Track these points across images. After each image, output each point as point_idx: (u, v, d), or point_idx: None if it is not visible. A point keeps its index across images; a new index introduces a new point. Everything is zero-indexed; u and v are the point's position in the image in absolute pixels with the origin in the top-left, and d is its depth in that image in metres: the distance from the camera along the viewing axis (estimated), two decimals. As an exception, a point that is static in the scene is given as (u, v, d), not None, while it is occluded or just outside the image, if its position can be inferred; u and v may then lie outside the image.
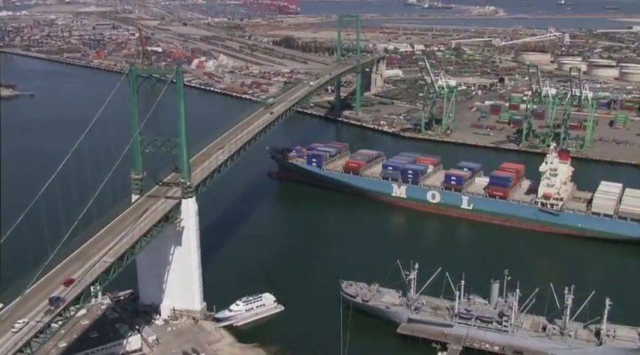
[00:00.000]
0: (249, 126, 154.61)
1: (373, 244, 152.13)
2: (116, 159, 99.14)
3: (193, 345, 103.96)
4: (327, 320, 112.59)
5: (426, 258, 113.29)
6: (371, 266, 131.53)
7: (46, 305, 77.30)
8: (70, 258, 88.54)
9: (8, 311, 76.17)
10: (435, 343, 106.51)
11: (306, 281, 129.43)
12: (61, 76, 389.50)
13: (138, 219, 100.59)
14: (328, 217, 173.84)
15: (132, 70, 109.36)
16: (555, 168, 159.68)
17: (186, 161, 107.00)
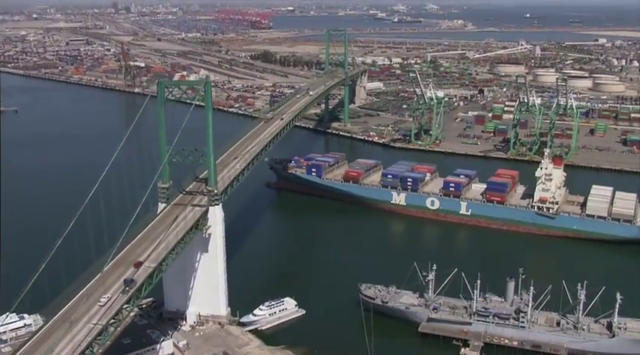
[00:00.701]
0: (258, 136, 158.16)
1: (380, 249, 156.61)
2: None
3: (224, 349, 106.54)
4: (348, 322, 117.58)
5: (433, 261, 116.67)
6: (382, 270, 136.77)
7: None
8: (114, 263, 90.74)
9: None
10: (455, 340, 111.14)
11: (323, 285, 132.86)
12: (41, 91, 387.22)
13: (169, 226, 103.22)
14: (331, 225, 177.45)
15: (160, 82, 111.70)
16: (550, 174, 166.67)
17: (213, 169, 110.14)
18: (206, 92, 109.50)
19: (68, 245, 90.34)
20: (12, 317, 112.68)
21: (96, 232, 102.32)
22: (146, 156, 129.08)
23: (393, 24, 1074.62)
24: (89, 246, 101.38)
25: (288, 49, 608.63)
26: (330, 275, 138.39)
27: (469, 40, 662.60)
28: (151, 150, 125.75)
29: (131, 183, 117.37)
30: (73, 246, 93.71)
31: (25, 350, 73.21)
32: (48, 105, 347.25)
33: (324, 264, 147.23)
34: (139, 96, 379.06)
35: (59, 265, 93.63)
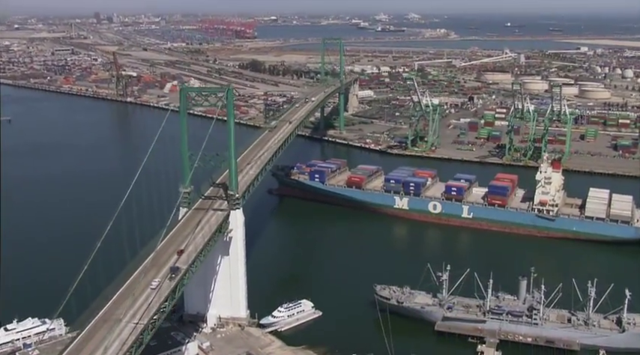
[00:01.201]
0: (267, 143, 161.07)
1: (387, 253, 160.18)
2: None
3: (247, 349, 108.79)
4: (364, 322, 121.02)
5: (442, 263, 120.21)
6: (392, 272, 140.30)
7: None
8: (145, 265, 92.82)
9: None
10: (471, 338, 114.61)
11: (337, 287, 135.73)
12: (33, 101, 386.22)
13: (194, 230, 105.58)
14: (336, 229, 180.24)
15: (183, 89, 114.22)
16: (549, 177, 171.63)
17: (234, 174, 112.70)
18: (228, 99, 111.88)
19: (95, 250, 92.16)
20: (34, 322, 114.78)
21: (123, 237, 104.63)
22: (164, 165, 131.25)
23: (377, 33, 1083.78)
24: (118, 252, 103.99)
25: (275, 58, 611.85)
26: (343, 278, 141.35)
27: (454, 49, 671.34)
28: (166, 159, 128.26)
29: (152, 190, 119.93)
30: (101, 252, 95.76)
31: (72, 348, 74.96)
32: (41, 114, 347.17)
33: (335, 267, 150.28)
34: (131, 106, 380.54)
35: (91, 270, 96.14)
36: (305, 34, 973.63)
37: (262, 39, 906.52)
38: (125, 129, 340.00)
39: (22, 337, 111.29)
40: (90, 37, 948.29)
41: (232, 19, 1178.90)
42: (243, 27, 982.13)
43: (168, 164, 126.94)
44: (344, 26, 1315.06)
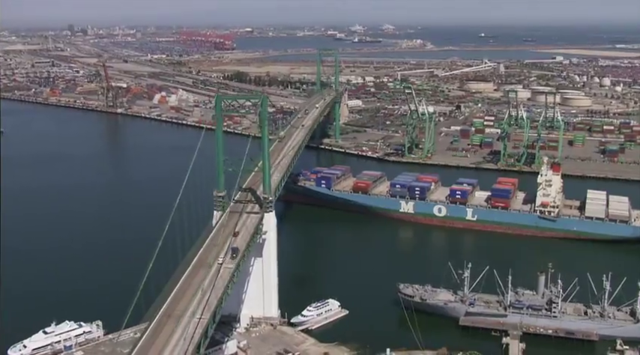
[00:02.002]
0: (282, 150, 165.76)
1: (399, 254, 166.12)
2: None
3: (283, 347, 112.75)
4: (389, 319, 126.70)
5: (453, 263, 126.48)
6: (409, 271, 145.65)
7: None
8: (193, 266, 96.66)
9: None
10: (494, 331, 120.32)
11: (359, 287, 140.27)
12: (21, 113, 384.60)
13: (232, 232, 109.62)
14: (345, 233, 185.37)
15: (218, 96, 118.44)
16: (550, 180, 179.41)
17: (268, 178, 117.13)
18: (262, 106, 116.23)
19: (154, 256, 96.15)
20: (71, 325, 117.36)
21: (166, 243, 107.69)
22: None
23: (354, 44, 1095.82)
24: (158, 255, 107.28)
25: (258, 69, 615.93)
26: (363, 278, 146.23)
27: (432, 59, 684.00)
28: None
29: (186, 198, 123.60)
30: (143, 256, 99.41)
31: (142, 344, 78.42)
32: (33, 126, 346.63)
33: (354, 268, 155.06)
34: (121, 117, 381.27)
35: (133, 274, 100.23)
36: (283, 46, 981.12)
37: (241, 50, 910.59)
38: (121, 140, 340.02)
39: (62, 339, 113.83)
40: (67, 49, 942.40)
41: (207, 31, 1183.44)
42: (221, 39, 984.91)
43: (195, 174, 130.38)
44: (320, 37, 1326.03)
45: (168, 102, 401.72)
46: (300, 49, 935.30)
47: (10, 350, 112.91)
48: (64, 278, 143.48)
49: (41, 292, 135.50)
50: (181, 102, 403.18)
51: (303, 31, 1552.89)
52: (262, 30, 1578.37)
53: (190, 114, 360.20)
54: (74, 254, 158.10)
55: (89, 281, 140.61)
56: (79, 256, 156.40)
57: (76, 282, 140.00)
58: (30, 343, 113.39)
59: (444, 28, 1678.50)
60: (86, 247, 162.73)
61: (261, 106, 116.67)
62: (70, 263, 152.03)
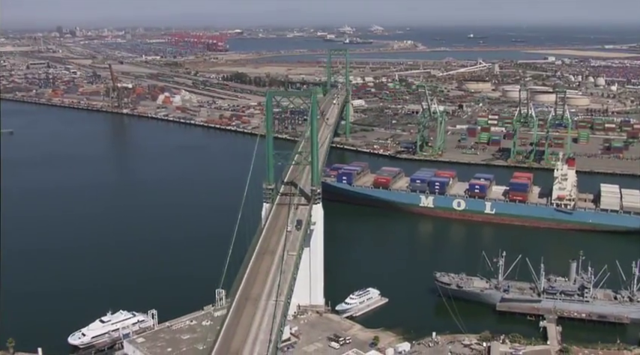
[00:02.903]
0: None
1: (426, 245, 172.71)
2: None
3: (333, 332, 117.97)
4: (428, 306, 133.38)
5: (478, 253, 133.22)
6: (439, 261, 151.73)
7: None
8: (257, 254, 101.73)
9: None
10: (529, 316, 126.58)
11: (394, 276, 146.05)
12: (27, 114, 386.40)
13: (285, 222, 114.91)
14: (369, 227, 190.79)
15: (269, 93, 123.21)
16: (565, 174, 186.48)
17: (316, 171, 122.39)
18: (312, 102, 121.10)
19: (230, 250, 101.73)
20: (125, 315, 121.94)
21: (218, 237, 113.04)
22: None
23: (345, 45, 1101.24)
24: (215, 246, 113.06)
25: (254, 70, 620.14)
26: (397, 268, 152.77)
27: (427, 59, 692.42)
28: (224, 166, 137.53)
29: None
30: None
31: (229, 322, 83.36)
32: (41, 127, 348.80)
33: (387, 259, 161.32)
34: (127, 117, 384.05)
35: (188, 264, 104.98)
36: (275, 47, 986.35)
37: (234, 52, 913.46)
38: (133, 139, 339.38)
39: (120, 327, 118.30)
40: (59, 51, 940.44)
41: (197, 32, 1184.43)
42: (214, 40, 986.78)
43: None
44: (310, 39, 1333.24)
45: (173, 102, 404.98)
46: (292, 50, 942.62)
47: (70, 337, 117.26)
48: (116, 271, 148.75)
49: (95, 284, 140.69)
50: (185, 103, 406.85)
51: (292, 32, 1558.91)
52: (252, 31, 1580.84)
53: (197, 114, 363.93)
54: (119, 250, 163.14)
55: (140, 274, 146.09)
56: (125, 252, 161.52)
57: (127, 275, 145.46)
58: (88, 331, 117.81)
59: (432, 28, 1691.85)
60: (131, 244, 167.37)
61: (312, 102, 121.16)
62: (118, 258, 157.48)
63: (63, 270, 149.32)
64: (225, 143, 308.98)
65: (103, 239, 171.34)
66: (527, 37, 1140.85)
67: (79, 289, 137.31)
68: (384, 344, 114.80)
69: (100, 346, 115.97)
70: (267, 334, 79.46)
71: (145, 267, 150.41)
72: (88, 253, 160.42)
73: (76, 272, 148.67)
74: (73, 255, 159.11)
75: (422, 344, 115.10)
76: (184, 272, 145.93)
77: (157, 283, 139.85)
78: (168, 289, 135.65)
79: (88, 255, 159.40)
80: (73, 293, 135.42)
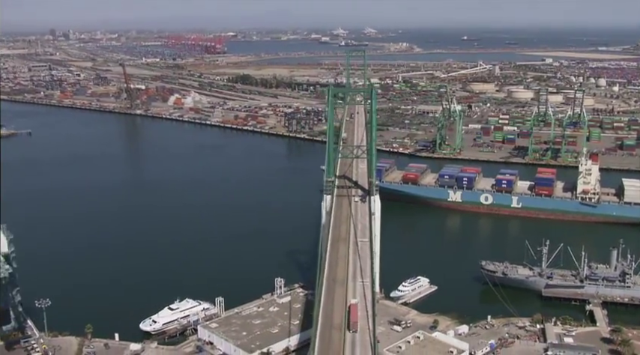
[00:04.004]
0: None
1: (463, 237, 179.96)
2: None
3: (393, 317, 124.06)
4: (475, 292, 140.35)
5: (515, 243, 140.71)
6: (480, 251, 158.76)
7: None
8: (332, 242, 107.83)
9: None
10: (574, 301, 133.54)
11: (439, 266, 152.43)
12: (40, 115, 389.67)
13: (349, 212, 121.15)
14: (401, 220, 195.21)
15: (330, 88, 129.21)
16: (589, 169, 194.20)
17: (374, 164, 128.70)
18: (372, 97, 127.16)
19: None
20: (192, 303, 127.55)
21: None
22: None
23: (340, 47, 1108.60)
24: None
25: (257, 72, 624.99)
26: (440, 258, 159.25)
27: (427, 62, 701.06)
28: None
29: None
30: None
31: (324, 300, 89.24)
32: (57, 127, 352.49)
33: (429, 250, 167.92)
34: (140, 118, 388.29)
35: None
36: (271, 49, 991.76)
37: (231, 54, 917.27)
38: (153, 139, 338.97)
39: (190, 315, 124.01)
40: (56, 53, 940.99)
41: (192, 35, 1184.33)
42: (212, 42, 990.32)
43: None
44: (305, 41, 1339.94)
45: (184, 103, 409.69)
46: (290, 52, 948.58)
47: (141, 324, 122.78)
48: (179, 263, 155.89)
49: (160, 275, 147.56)
50: (196, 104, 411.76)
51: (286, 35, 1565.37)
52: (246, 34, 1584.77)
53: (212, 115, 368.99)
54: (178, 244, 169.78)
55: (201, 266, 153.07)
56: (186, 245, 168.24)
57: (189, 267, 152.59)
58: (159, 318, 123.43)
59: (424, 31, 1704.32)
60: (188, 239, 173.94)
61: (371, 97, 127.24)
62: (180, 251, 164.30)
63: (130, 263, 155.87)
64: (245, 142, 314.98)
65: (162, 234, 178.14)
66: (519, 40, 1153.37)
67: (146, 280, 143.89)
68: (443, 326, 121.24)
69: (172, 332, 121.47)
70: (362, 310, 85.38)
71: (205, 260, 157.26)
72: (151, 247, 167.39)
73: (142, 264, 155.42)
74: (138, 248, 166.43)
75: (478, 327, 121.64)
76: (240, 264, 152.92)
77: (217, 274, 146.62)
78: (227, 279, 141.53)
79: (151, 248, 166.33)
80: (140, 283, 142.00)
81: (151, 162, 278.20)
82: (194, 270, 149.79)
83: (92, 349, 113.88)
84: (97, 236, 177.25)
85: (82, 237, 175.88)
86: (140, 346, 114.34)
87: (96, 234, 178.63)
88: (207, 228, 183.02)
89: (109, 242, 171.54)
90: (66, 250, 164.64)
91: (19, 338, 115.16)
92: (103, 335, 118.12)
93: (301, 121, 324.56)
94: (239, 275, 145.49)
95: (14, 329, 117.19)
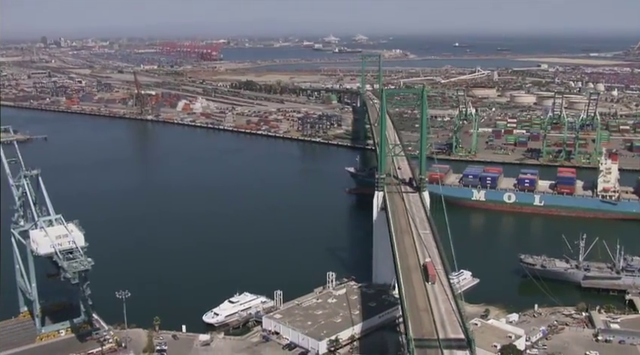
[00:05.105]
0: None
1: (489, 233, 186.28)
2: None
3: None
4: (515, 284, 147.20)
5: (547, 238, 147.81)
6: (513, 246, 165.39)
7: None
8: (396, 233, 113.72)
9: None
10: (611, 292, 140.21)
11: (478, 259, 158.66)
12: (50, 122, 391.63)
13: (406, 207, 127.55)
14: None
15: (382, 90, 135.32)
16: (609, 168, 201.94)
17: (423, 161, 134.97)
18: (422, 99, 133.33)
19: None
20: (250, 296, 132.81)
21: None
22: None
23: (334, 54, 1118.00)
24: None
25: (257, 78, 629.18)
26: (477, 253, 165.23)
27: (424, 67, 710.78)
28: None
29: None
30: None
31: (405, 287, 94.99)
32: (70, 133, 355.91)
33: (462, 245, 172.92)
34: (151, 123, 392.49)
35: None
36: (268, 56, 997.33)
37: (227, 61, 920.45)
38: (170, 144, 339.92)
39: (249, 307, 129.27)
40: (52, 61, 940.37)
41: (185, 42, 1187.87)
42: (207, 49, 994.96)
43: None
44: (297, 48, 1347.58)
45: (193, 109, 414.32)
46: (286, 59, 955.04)
47: (204, 316, 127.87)
48: (233, 260, 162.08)
49: (216, 271, 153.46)
50: (205, 109, 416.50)
51: (278, 42, 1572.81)
52: (238, 41, 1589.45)
53: (223, 120, 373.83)
54: (230, 243, 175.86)
55: (255, 262, 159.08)
56: (237, 244, 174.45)
57: (245, 263, 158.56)
58: (220, 311, 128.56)
59: (414, 37, 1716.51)
60: (237, 238, 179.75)
61: (421, 98, 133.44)
62: (233, 249, 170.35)
63: (187, 260, 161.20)
64: (261, 146, 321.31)
65: (209, 234, 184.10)
66: (510, 46, 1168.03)
67: (201, 276, 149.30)
68: (493, 315, 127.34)
69: (234, 324, 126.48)
70: (443, 293, 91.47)
71: (255, 257, 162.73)
72: (199, 246, 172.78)
73: (199, 261, 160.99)
74: (194, 247, 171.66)
75: (527, 315, 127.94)
76: (289, 261, 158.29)
77: (269, 269, 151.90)
78: (279, 274, 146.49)
79: (200, 247, 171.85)
80: (197, 279, 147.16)
81: (176, 165, 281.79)
82: (246, 266, 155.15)
83: (162, 340, 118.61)
84: (149, 235, 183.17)
85: (134, 236, 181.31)
86: (209, 336, 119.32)
87: (147, 234, 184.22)
88: (250, 229, 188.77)
89: (159, 240, 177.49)
90: (121, 248, 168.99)
91: (90, 330, 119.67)
92: (167, 327, 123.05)
93: (315, 125, 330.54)
94: (289, 270, 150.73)
95: (84, 322, 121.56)
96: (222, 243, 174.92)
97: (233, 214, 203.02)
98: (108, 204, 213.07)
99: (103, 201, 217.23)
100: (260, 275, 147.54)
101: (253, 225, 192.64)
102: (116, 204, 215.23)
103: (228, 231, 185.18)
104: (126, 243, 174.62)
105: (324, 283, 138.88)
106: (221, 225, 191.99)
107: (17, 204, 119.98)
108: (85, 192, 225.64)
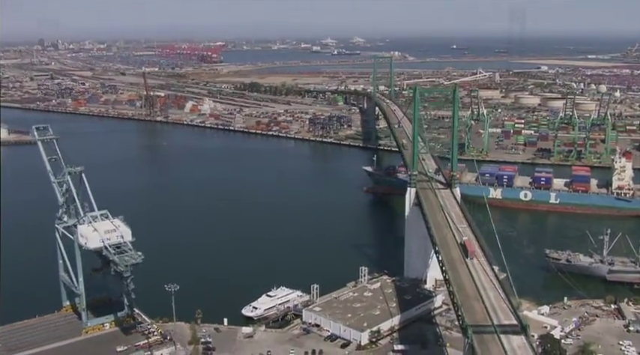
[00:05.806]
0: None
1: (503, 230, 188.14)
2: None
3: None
4: (541, 278, 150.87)
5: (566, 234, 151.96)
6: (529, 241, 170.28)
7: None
8: (435, 228, 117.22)
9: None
10: (636, 285, 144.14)
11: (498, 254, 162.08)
12: (59, 122, 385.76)
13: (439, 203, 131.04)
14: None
15: (415, 88, 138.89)
16: (624, 166, 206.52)
17: (455, 159, 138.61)
18: (454, 99, 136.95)
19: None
20: (286, 290, 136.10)
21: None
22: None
23: (333, 56, 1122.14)
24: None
25: (260, 80, 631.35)
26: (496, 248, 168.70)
27: (425, 69, 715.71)
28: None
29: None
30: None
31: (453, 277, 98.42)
32: (82, 134, 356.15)
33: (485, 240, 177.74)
34: (161, 124, 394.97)
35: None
36: (268, 58, 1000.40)
37: (228, 63, 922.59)
38: (186, 143, 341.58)
39: (290, 300, 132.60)
40: (52, 63, 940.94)
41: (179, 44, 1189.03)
42: (207, 52, 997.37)
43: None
44: (295, 50, 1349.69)
45: (201, 110, 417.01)
46: (286, 61, 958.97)
47: (243, 310, 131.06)
48: (268, 255, 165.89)
49: (253, 266, 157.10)
50: (213, 111, 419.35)
51: (276, 44, 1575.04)
52: (236, 43, 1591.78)
53: (233, 121, 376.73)
54: (264, 239, 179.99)
55: (288, 258, 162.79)
56: (273, 239, 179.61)
57: (279, 259, 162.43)
58: (259, 304, 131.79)
59: (411, 40, 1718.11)
60: (270, 235, 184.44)
61: (453, 97, 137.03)
62: (269, 244, 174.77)
63: (221, 256, 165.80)
64: (274, 147, 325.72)
65: (241, 230, 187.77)
66: (507, 48, 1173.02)
67: (236, 272, 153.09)
68: (524, 307, 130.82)
69: (273, 317, 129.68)
70: (489, 282, 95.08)
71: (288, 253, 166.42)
72: (237, 242, 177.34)
73: (233, 256, 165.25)
74: (226, 244, 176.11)
75: (557, 307, 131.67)
76: (320, 257, 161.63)
77: (303, 264, 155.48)
78: (313, 269, 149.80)
79: (238, 243, 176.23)
80: (232, 275, 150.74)
81: (196, 164, 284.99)
82: (280, 262, 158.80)
83: (206, 332, 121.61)
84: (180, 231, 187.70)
85: (167, 232, 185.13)
86: (251, 329, 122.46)
87: (178, 230, 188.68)
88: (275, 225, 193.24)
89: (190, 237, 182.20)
90: (157, 244, 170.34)
91: (134, 324, 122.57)
92: (208, 320, 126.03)
93: (326, 126, 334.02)
94: (321, 265, 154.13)
95: (127, 316, 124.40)
96: (253, 236, 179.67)
97: (254, 210, 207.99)
98: (140, 201, 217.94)
99: (134, 197, 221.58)
100: (293, 270, 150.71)
101: (278, 221, 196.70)
102: (148, 200, 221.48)
103: (255, 227, 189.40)
104: (160, 239, 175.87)
105: (356, 278, 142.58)
106: (247, 220, 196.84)
107: (61, 201, 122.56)
108: (117, 189, 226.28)
